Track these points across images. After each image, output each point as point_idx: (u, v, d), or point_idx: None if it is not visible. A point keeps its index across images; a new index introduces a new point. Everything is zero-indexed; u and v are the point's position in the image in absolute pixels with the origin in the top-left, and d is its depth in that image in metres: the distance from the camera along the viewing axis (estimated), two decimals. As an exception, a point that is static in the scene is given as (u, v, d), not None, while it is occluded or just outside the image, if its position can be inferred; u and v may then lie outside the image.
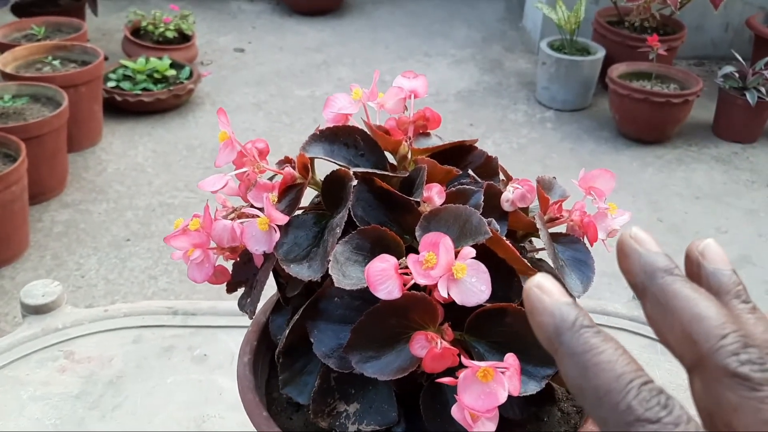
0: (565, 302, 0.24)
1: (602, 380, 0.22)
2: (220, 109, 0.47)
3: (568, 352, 0.23)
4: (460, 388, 0.37)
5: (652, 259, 0.25)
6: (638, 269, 0.25)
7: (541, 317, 0.24)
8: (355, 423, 0.44)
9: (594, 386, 0.22)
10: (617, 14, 3.23)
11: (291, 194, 0.47)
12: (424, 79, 0.52)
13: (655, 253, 0.25)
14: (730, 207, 2.50)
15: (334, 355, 0.43)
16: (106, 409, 0.73)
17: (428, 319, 0.41)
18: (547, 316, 0.24)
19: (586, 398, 0.23)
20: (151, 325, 0.84)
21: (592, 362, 0.23)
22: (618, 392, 0.22)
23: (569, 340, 0.23)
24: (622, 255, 0.26)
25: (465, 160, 0.51)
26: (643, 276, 0.25)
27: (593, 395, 0.22)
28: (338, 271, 0.41)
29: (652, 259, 0.25)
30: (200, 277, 0.46)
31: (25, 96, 2.35)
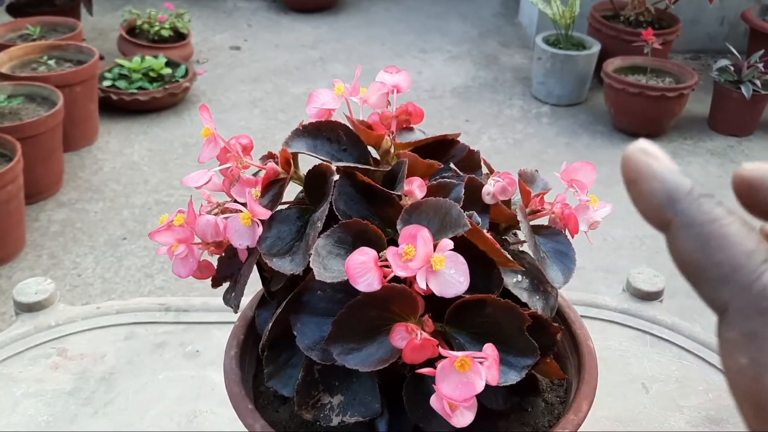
0: (677, 169, 0.21)
1: (730, 254, 0.19)
2: (202, 106, 0.47)
3: (686, 221, 0.20)
4: (438, 378, 0.38)
5: (676, 180, 0.21)
6: (660, 193, 0.21)
7: (651, 183, 0.21)
8: (339, 414, 0.45)
9: (718, 262, 0.19)
10: (612, 8, 3.24)
11: (274, 189, 0.47)
12: (407, 75, 0.52)
13: (677, 172, 0.21)
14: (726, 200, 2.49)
15: (317, 348, 0.44)
16: (99, 405, 0.74)
17: (409, 310, 0.41)
18: (658, 182, 0.21)
19: (705, 276, 0.19)
20: (144, 321, 0.84)
21: (718, 233, 0.19)
22: (751, 271, 0.18)
23: (688, 207, 0.20)
24: (636, 176, 0.22)
25: (448, 154, 0.52)
26: (667, 201, 0.21)
27: (716, 272, 0.19)
28: (319, 265, 0.42)
29: (677, 180, 0.21)
30: (184, 272, 0.47)
31: (21, 96, 2.36)
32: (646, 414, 0.74)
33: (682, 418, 0.73)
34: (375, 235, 0.44)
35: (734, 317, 0.19)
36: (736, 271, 0.19)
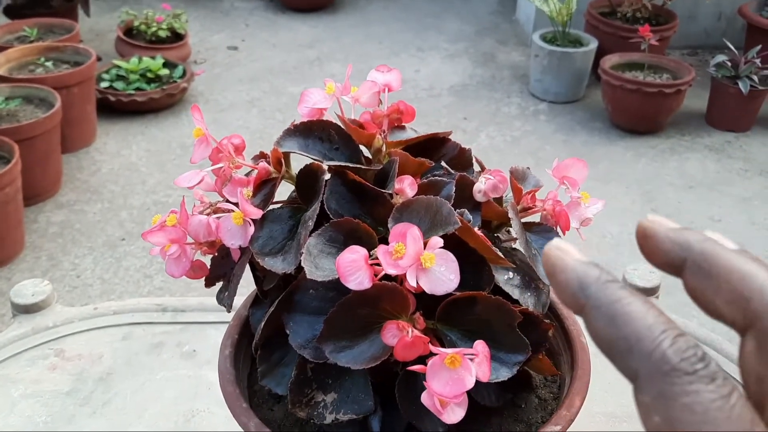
0: (586, 260, 0.24)
1: (633, 328, 0.21)
2: (194, 106, 0.48)
3: (596, 304, 0.22)
4: (429, 375, 0.38)
5: (585, 269, 0.24)
6: (670, 245, 0.24)
7: (564, 274, 0.24)
8: (333, 412, 0.45)
9: (624, 335, 0.21)
10: (609, 5, 3.24)
11: (265, 189, 0.47)
12: (398, 73, 0.53)
13: (587, 263, 0.25)
14: (724, 196, 2.51)
15: (309, 346, 0.44)
16: (97, 405, 0.74)
17: (400, 308, 0.41)
18: (570, 273, 0.23)
19: (616, 349, 0.22)
20: (141, 322, 0.85)
21: (622, 311, 0.22)
22: (651, 340, 0.21)
23: (596, 291, 0.22)
24: (552, 270, 0.25)
25: (439, 152, 0.52)
26: (678, 249, 0.24)
27: (624, 345, 0.21)
28: (311, 263, 0.42)
29: (585, 269, 0.24)
30: (177, 272, 0.47)
31: (18, 97, 2.36)
32: (642, 409, 0.74)
33: (678, 413, 0.73)
34: (366, 234, 0.44)
35: (644, 382, 0.21)
36: (639, 341, 0.21)
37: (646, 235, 0.25)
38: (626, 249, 2.20)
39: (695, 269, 0.24)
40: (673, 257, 0.24)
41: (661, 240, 0.25)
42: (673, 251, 0.24)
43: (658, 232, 0.25)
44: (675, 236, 0.25)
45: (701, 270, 0.23)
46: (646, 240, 0.25)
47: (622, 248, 2.21)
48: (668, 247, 0.25)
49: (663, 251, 0.25)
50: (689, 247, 0.24)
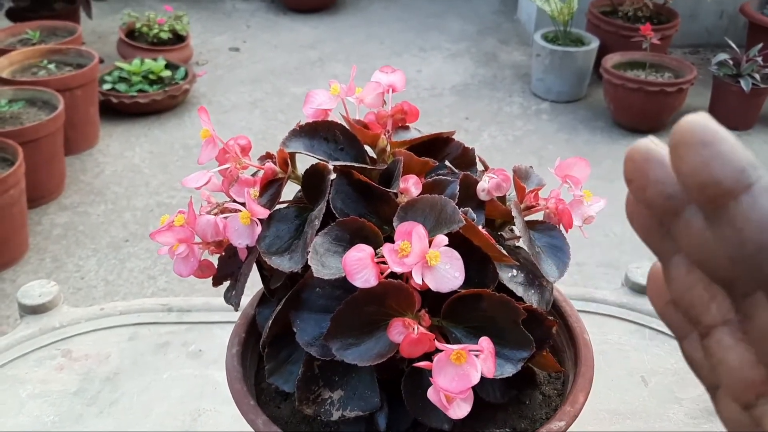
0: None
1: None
2: (201, 108, 0.48)
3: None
4: (435, 371, 0.39)
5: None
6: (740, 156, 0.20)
7: (731, 144, 0.20)
8: (340, 409, 0.46)
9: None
10: (610, 4, 3.24)
11: (272, 189, 0.48)
12: (402, 74, 0.53)
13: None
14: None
15: (316, 344, 0.45)
16: (104, 405, 0.75)
17: (405, 305, 0.42)
18: (737, 146, 0.20)
19: None
20: (147, 322, 0.85)
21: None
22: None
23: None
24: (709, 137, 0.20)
25: (443, 152, 0.53)
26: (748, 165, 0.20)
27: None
28: (317, 262, 0.43)
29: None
30: (186, 271, 0.47)
31: (22, 100, 2.37)
32: (645, 407, 0.74)
33: (681, 410, 0.74)
34: (372, 233, 0.44)
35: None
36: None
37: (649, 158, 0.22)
38: (629, 247, 2.20)
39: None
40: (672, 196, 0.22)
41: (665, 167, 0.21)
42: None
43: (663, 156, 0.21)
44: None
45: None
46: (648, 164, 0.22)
47: (625, 246, 2.21)
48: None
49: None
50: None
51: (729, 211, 0.19)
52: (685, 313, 0.24)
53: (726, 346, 0.22)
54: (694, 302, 0.23)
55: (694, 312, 0.23)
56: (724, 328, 0.22)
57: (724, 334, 0.22)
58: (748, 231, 0.19)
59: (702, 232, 0.21)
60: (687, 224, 0.22)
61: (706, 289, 0.23)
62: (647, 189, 0.22)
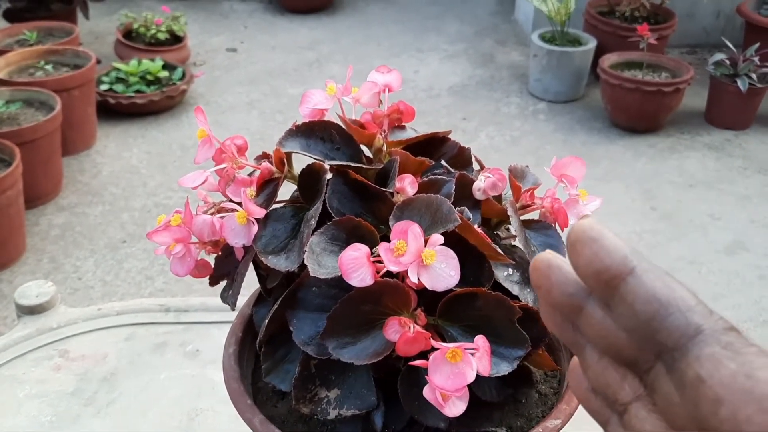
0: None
1: (689, 292, 0.23)
2: (197, 108, 0.48)
3: (649, 267, 0.24)
4: (431, 369, 0.39)
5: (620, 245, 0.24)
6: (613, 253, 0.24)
7: (613, 240, 0.24)
8: (336, 408, 0.46)
9: (682, 296, 0.23)
10: (608, 4, 3.24)
11: (268, 188, 0.48)
12: (398, 74, 0.53)
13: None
14: (723, 194, 2.52)
15: (312, 343, 0.45)
16: (101, 405, 0.75)
17: (401, 304, 0.42)
18: (618, 240, 0.24)
19: (675, 307, 0.23)
20: (144, 322, 0.85)
21: (672, 278, 0.23)
22: (706, 305, 0.23)
23: (645, 258, 0.24)
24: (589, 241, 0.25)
25: (439, 152, 0.53)
26: (622, 260, 0.24)
27: (684, 304, 0.23)
28: (314, 261, 0.43)
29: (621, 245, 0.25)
30: (182, 271, 0.48)
31: (19, 101, 2.37)
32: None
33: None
34: (368, 232, 0.44)
35: (709, 336, 0.22)
36: (699, 303, 0.23)
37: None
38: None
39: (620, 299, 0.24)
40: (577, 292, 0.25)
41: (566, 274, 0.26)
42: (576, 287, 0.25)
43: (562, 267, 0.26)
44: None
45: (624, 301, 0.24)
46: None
47: (621, 247, 2.21)
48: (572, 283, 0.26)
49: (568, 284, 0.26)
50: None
51: (620, 292, 0.24)
52: (603, 397, 0.27)
53: (642, 419, 0.25)
54: (609, 383, 0.26)
55: (611, 392, 0.26)
56: (637, 403, 0.25)
57: (638, 408, 0.25)
58: (637, 304, 0.23)
59: (602, 320, 0.25)
60: (589, 317, 0.25)
61: (617, 370, 0.26)
62: (552, 291, 0.26)
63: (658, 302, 0.23)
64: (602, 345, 0.26)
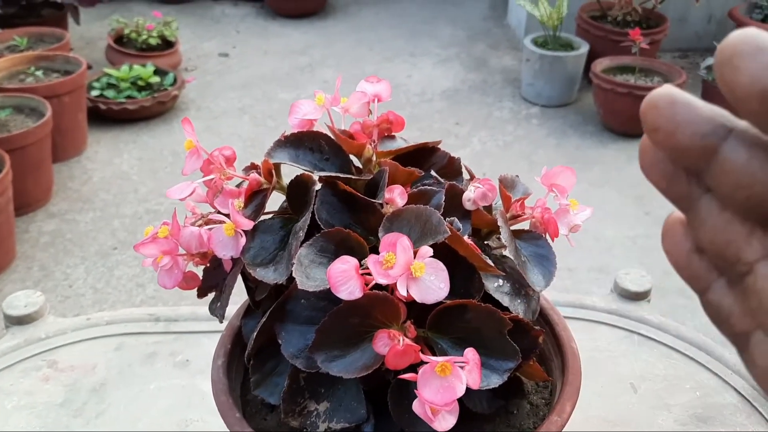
0: None
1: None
2: (185, 119, 0.48)
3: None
4: (420, 383, 0.39)
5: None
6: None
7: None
8: (326, 421, 0.45)
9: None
10: (600, 9, 3.25)
11: (257, 200, 0.48)
12: (387, 84, 0.53)
13: None
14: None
15: (301, 356, 0.44)
16: (90, 416, 0.74)
17: (391, 317, 0.42)
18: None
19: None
20: (134, 332, 0.84)
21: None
22: None
23: None
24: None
25: (429, 162, 0.52)
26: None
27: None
28: (302, 274, 0.42)
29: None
30: (170, 283, 0.47)
31: (9, 107, 2.35)
32: (635, 413, 0.74)
33: (671, 416, 0.74)
34: (357, 244, 0.44)
35: None
36: None
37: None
38: (620, 252, 2.21)
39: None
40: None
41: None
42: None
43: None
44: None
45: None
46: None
47: (615, 251, 2.21)
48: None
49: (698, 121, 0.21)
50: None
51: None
52: (716, 257, 0.23)
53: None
54: (731, 239, 0.22)
55: (732, 250, 0.22)
56: (766, 261, 0.21)
57: (767, 266, 0.21)
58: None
59: (746, 164, 0.21)
60: (725, 162, 0.21)
61: (743, 224, 0.22)
62: (677, 132, 0.21)
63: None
64: (737, 196, 0.21)
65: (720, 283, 0.23)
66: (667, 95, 0.21)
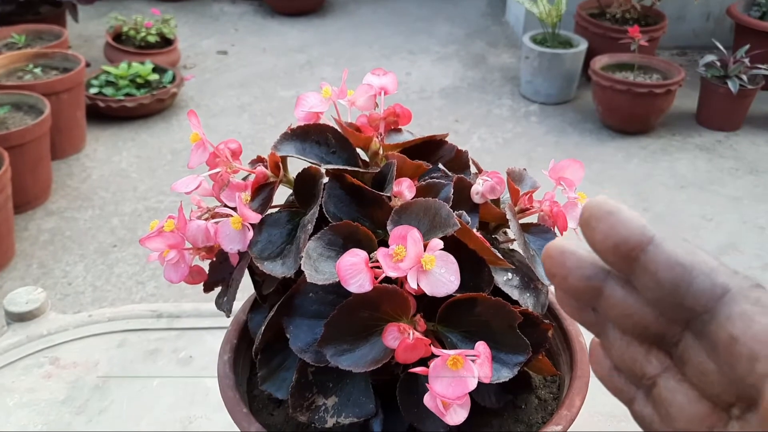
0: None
1: (709, 256, 0.23)
2: (190, 111, 0.47)
3: (666, 235, 0.23)
4: (431, 377, 0.38)
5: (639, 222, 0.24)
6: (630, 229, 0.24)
7: (628, 213, 0.24)
8: (334, 416, 0.45)
9: (704, 260, 0.23)
10: (598, 6, 3.25)
11: (263, 193, 0.47)
12: (394, 76, 0.53)
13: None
14: (715, 195, 2.52)
15: (310, 350, 0.44)
16: (93, 413, 0.74)
17: (400, 310, 0.41)
18: (633, 213, 0.24)
19: (698, 270, 0.22)
20: (136, 328, 0.84)
21: (692, 243, 0.23)
22: (726, 266, 0.23)
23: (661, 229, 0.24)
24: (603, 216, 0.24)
25: (436, 155, 0.52)
26: (640, 233, 0.24)
27: (707, 267, 0.23)
28: (311, 267, 0.42)
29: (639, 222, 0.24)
30: (176, 278, 0.47)
31: (7, 105, 2.34)
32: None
33: (675, 411, 0.74)
34: (365, 237, 0.44)
35: (737, 294, 0.22)
36: (722, 264, 0.23)
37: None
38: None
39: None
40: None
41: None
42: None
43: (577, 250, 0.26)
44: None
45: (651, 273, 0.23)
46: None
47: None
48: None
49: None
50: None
51: (642, 262, 0.23)
52: (628, 374, 0.27)
53: (672, 390, 0.25)
54: (634, 359, 0.26)
55: (637, 368, 0.26)
56: (666, 374, 0.25)
57: (668, 379, 0.25)
58: (661, 272, 0.23)
59: (624, 299, 0.25)
60: (609, 298, 0.25)
61: (641, 345, 0.25)
62: (568, 277, 0.25)
63: (681, 267, 0.22)
64: (626, 324, 0.25)
65: (640, 395, 0.27)
66: (558, 247, 0.26)
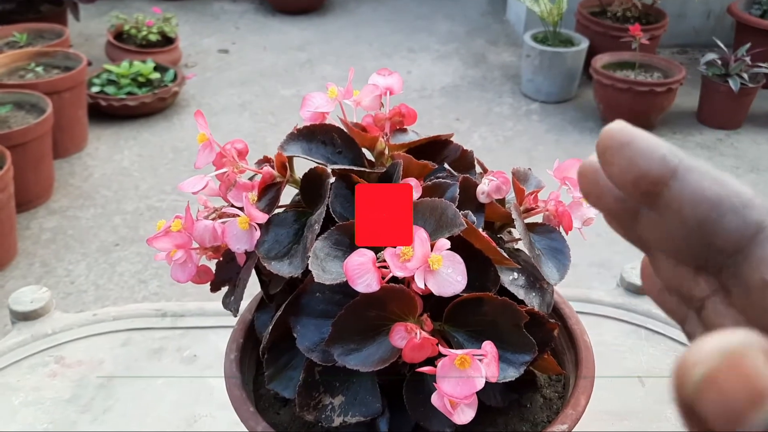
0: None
1: (740, 186, 0.21)
2: (197, 112, 0.48)
3: (692, 164, 0.21)
4: (439, 376, 0.38)
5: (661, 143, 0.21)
6: (659, 148, 0.22)
7: (648, 141, 0.21)
8: (341, 415, 0.45)
9: (736, 192, 0.21)
10: (599, 4, 3.25)
11: (270, 193, 0.47)
12: (399, 76, 0.53)
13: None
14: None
15: (317, 349, 0.44)
16: (98, 411, 0.74)
17: (407, 310, 0.42)
18: (654, 139, 0.21)
19: (728, 206, 0.20)
20: (140, 327, 0.84)
21: (721, 172, 0.21)
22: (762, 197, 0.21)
23: (686, 155, 0.21)
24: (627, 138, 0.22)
25: (441, 155, 0.52)
26: (668, 153, 0.21)
27: (738, 200, 0.20)
28: (318, 267, 0.42)
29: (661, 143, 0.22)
30: (183, 277, 0.47)
31: (9, 103, 2.34)
32: (642, 407, 0.74)
33: (678, 410, 0.74)
34: (372, 237, 0.44)
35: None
36: (755, 196, 0.20)
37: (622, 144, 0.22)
38: (621, 247, 2.21)
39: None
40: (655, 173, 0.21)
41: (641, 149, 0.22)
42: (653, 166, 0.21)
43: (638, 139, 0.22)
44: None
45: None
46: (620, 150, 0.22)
47: (617, 246, 2.21)
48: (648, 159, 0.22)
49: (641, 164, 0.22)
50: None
51: (665, 198, 0.21)
52: (678, 294, 0.25)
53: (721, 314, 0.23)
54: (682, 281, 0.24)
55: (686, 289, 0.24)
56: (714, 297, 0.23)
57: (716, 303, 0.23)
58: (685, 210, 0.21)
59: (656, 224, 0.22)
60: (645, 221, 0.23)
61: (688, 266, 0.24)
62: (603, 198, 0.24)
63: (708, 203, 0.20)
64: (667, 247, 0.23)
65: (692, 315, 0.25)
66: (591, 165, 0.23)
